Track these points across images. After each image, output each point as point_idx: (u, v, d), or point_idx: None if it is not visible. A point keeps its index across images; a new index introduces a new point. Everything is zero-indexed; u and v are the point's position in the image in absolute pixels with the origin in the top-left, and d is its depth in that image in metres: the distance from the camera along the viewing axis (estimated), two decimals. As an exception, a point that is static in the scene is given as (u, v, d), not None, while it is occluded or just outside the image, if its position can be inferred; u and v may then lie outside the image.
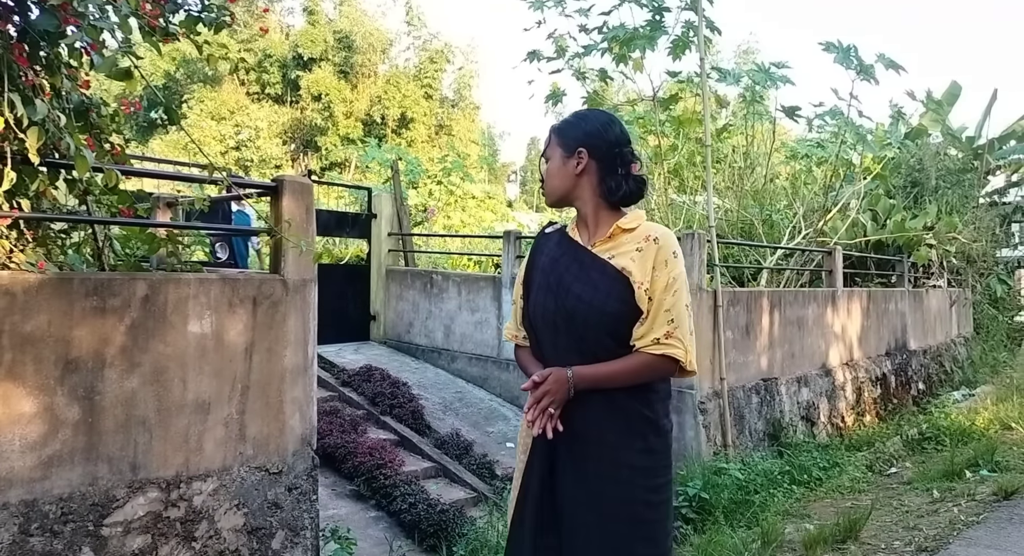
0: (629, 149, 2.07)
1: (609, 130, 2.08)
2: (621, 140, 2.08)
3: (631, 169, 2.06)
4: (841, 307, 8.77)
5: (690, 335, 1.99)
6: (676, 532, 4.82)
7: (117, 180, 2.82)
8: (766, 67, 8.67)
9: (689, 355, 1.98)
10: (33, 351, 2.69)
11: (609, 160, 2.05)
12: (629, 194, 2.07)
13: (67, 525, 2.72)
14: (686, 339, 1.97)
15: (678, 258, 1.99)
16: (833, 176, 9.94)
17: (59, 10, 2.37)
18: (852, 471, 6.17)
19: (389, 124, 31.37)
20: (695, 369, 2.01)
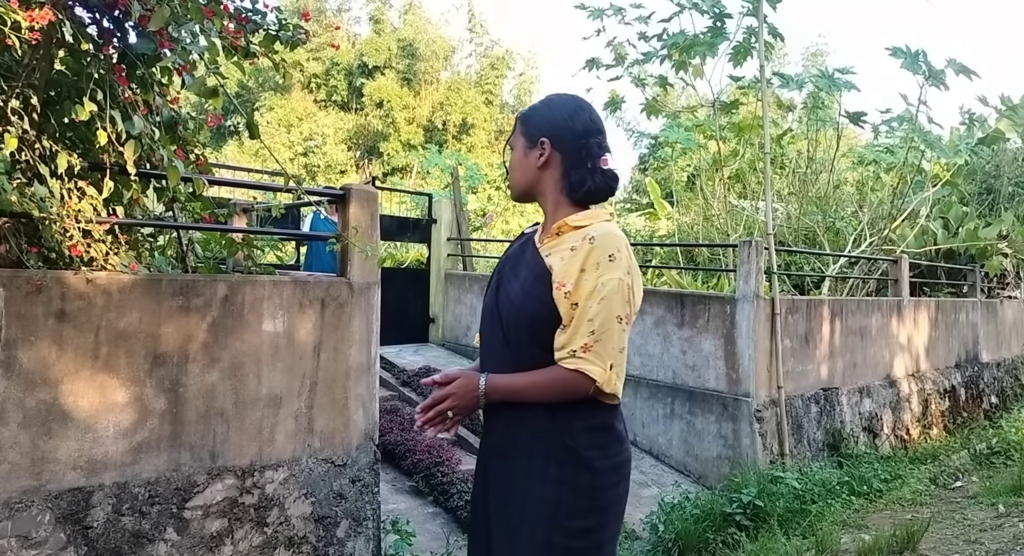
0: (598, 140, 1.85)
1: (576, 118, 1.87)
2: (589, 130, 1.86)
3: (599, 162, 1.83)
4: (907, 317, 8.59)
5: (619, 352, 1.72)
6: None
7: (203, 187, 3.04)
8: (830, 73, 8.57)
9: (610, 375, 1.70)
10: (126, 346, 2.93)
11: (574, 152, 1.84)
12: (595, 190, 1.84)
13: (154, 507, 2.95)
14: (608, 355, 1.70)
15: (615, 263, 1.70)
16: (900, 182, 9.73)
17: (156, 35, 2.60)
18: (914, 484, 6.07)
19: (450, 130, 31.83)
20: (616, 393, 1.74)
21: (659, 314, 6.98)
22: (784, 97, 12.48)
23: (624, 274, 1.72)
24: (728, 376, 6.44)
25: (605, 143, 1.86)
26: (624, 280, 1.71)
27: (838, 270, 9.45)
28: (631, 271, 1.75)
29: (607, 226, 1.78)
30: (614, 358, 1.72)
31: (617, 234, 1.76)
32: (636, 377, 7.10)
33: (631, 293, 1.75)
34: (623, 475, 1.82)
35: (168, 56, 2.64)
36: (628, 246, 1.75)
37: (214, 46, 2.81)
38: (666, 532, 4.99)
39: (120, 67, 2.75)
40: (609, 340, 1.70)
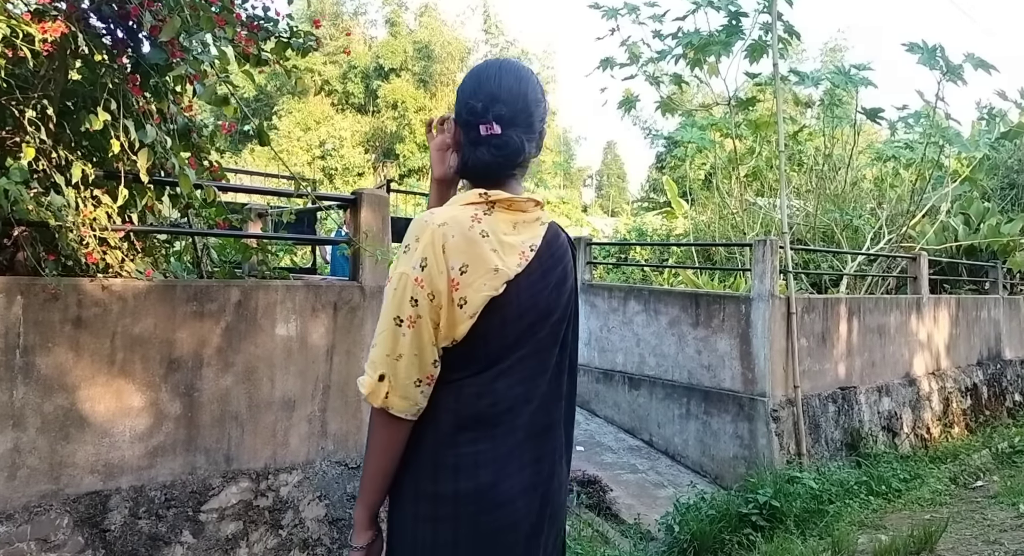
0: (481, 103, 1.54)
1: (466, 83, 1.61)
2: (476, 93, 1.57)
3: (480, 130, 1.53)
4: (927, 315, 8.50)
5: (394, 359, 1.44)
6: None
7: (215, 196, 3.09)
8: (847, 69, 8.50)
9: (378, 387, 1.45)
10: (141, 351, 2.97)
11: (464, 123, 1.58)
12: (479, 165, 1.54)
13: (170, 510, 2.99)
14: (378, 363, 1.45)
15: (406, 255, 1.48)
16: (919, 179, 9.63)
17: (168, 45, 2.64)
18: (934, 483, 6.01)
19: (466, 131, 31.87)
20: (390, 408, 1.45)
21: (674, 314, 6.96)
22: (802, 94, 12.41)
23: (411, 268, 1.44)
24: (744, 376, 6.42)
25: (496, 107, 1.53)
26: (409, 274, 1.44)
27: (856, 268, 9.37)
28: (429, 264, 1.44)
29: (433, 211, 1.53)
30: (386, 366, 1.44)
31: (424, 221, 1.48)
32: (652, 377, 7.09)
33: (424, 288, 1.43)
34: (446, 514, 1.47)
35: (180, 65, 2.68)
36: (437, 234, 1.45)
37: (224, 55, 2.85)
38: (681, 533, 4.98)
39: (134, 77, 2.80)
40: (381, 345, 1.46)
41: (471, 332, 1.46)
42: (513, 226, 1.54)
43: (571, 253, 1.69)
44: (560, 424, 1.61)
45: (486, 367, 1.50)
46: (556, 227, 1.66)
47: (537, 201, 1.60)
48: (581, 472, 6.08)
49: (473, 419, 1.49)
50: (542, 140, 1.66)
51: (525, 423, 1.52)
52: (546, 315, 1.55)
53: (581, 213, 25.15)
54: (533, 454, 1.53)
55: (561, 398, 1.62)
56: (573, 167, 43.37)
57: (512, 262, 1.49)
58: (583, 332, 7.72)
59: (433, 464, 1.48)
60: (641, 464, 6.68)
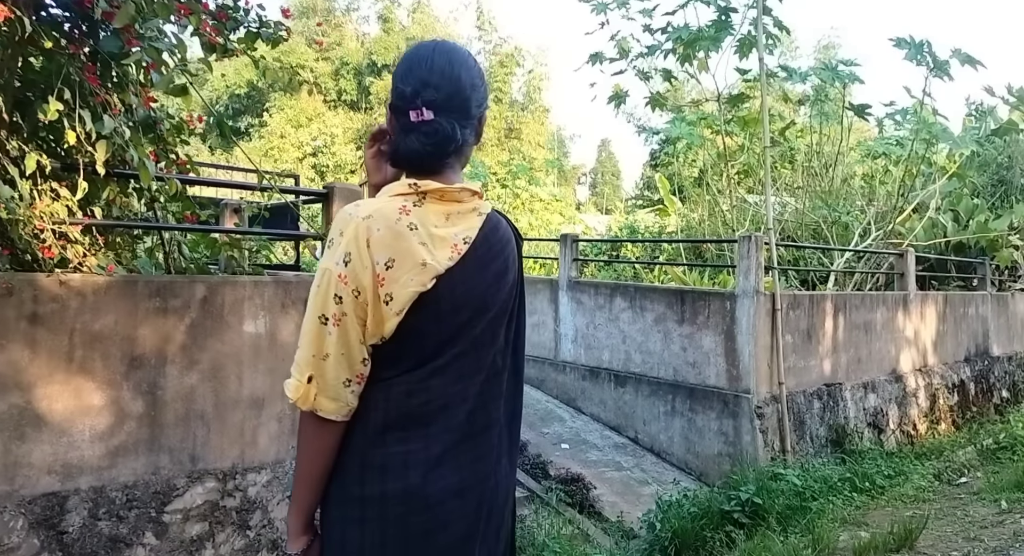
0: (411, 87, 1.45)
1: (398, 66, 1.51)
2: (408, 77, 1.47)
3: (410, 116, 1.44)
4: (914, 311, 8.48)
5: (321, 360, 1.38)
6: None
7: (178, 189, 3.02)
8: (834, 65, 8.46)
9: (306, 390, 1.38)
10: (101, 348, 2.91)
11: (394, 109, 1.49)
12: (410, 153, 1.46)
13: (132, 511, 2.93)
14: (303, 365, 1.39)
15: (331, 250, 1.40)
16: (906, 175, 9.60)
17: (123, 32, 2.57)
18: (918, 480, 5.98)
19: (459, 128, 31.79)
20: (320, 409, 1.39)
21: (659, 311, 6.92)
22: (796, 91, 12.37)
23: (335, 264, 1.37)
24: (729, 373, 6.38)
25: (426, 92, 1.44)
26: (333, 271, 1.37)
27: (845, 265, 9.34)
28: (353, 259, 1.37)
29: (358, 204, 1.45)
30: (313, 367, 1.38)
31: (349, 214, 1.41)
32: (637, 374, 7.05)
33: (349, 285, 1.37)
34: (373, 515, 1.41)
35: (135, 53, 2.61)
36: (361, 227, 1.38)
37: (182, 43, 2.78)
38: (663, 530, 4.94)
39: (91, 66, 2.73)
40: (306, 345, 1.39)
41: (401, 329, 1.41)
42: (446, 217, 1.47)
43: (515, 245, 1.62)
44: (500, 424, 1.55)
45: (419, 365, 1.44)
46: (497, 218, 1.58)
47: (474, 191, 1.52)
48: (565, 470, 6.04)
49: (404, 418, 1.43)
50: (481, 127, 1.59)
51: (461, 423, 1.47)
52: (483, 311, 1.49)
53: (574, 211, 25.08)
54: (470, 454, 1.48)
55: (501, 397, 1.56)
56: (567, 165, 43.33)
57: (443, 255, 1.43)
58: (569, 329, 7.68)
59: (360, 465, 1.43)
60: (626, 462, 6.64)
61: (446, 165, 1.51)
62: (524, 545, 4.54)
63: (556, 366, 7.77)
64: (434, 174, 1.49)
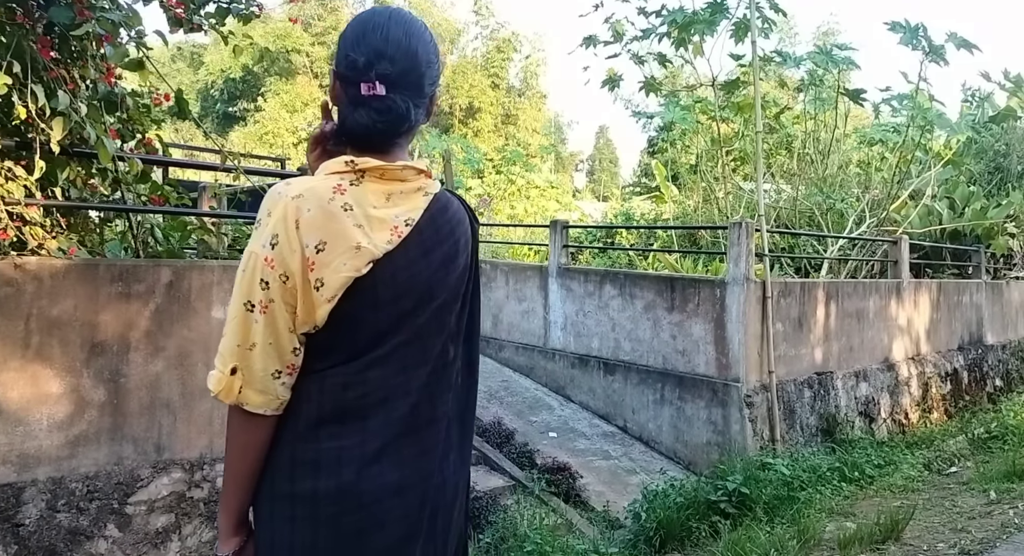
0: (364, 57, 1.33)
1: (348, 32, 1.40)
2: (360, 45, 1.35)
3: (361, 89, 1.33)
4: (907, 299, 8.40)
5: (247, 350, 1.29)
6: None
7: (139, 169, 2.92)
8: (828, 49, 8.33)
9: (230, 381, 1.29)
10: (59, 334, 2.82)
11: (343, 78, 1.37)
12: (358, 128, 1.34)
13: (93, 502, 2.85)
14: (227, 355, 1.30)
15: (257, 231, 1.30)
16: (901, 162, 9.50)
17: (75, 3, 2.46)
18: (907, 470, 5.92)
19: (456, 114, 31.63)
20: (245, 402, 1.30)
21: (649, 298, 6.83)
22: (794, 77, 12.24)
23: (261, 246, 1.27)
24: (718, 361, 6.30)
25: (380, 65, 1.32)
26: (259, 254, 1.27)
27: (839, 252, 9.25)
28: (281, 242, 1.27)
29: (289, 182, 1.34)
30: (238, 358, 1.28)
31: (278, 193, 1.30)
32: (627, 362, 6.97)
33: (276, 269, 1.27)
34: (304, 514, 1.32)
35: (86, 24, 2.49)
36: (290, 207, 1.28)
37: (137, 15, 2.67)
38: (648, 520, 4.87)
39: (46, 39, 2.62)
40: (231, 334, 1.29)
41: (335, 317, 1.31)
42: (386, 198, 1.37)
43: (469, 228, 1.52)
44: (447, 419, 1.46)
45: (356, 355, 1.34)
46: (448, 198, 1.48)
47: (421, 169, 1.42)
48: (552, 459, 5.97)
49: (339, 412, 1.34)
50: (432, 106, 1.49)
51: (403, 416, 1.37)
52: (427, 298, 1.39)
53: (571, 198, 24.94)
54: (413, 450, 1.38)
55: (450, 389, 1.46)
56: (565, 152, 43.12)
57: (381, 238, 1.33)
58: (558, 317, 7.59)
59: (291, 461, 1.33)
60: (614, 450, 6.57)
61: (395, 144, 1.41)
62: (506, 536, 4.47)
63: (546, 354, 7.69)
64: (380, 153, 1.38)
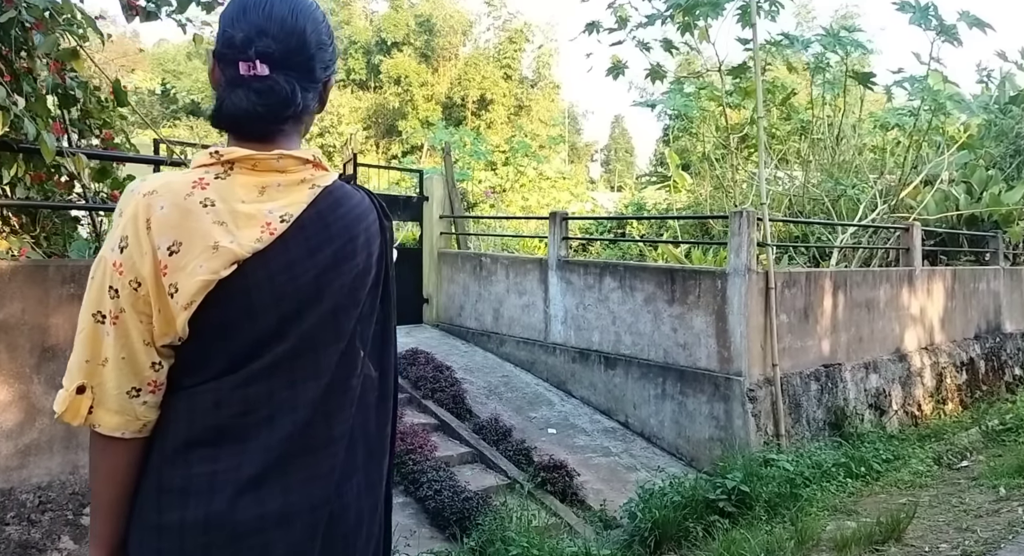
0: (243, 33, 1.22)
1: (228, 8, 1.28)
2: (239, 21, 1.24)
3: (240, 68, 1.21)
4: (919, 287, 8.16)
5: (98, 365, 1.17)
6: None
7: (84, 165, 2.81)
8: (836, 31, 8.08)
9: (76, 401, 1.17)
10: (6, 339, 2.72)
11: (220, 57, 1.26)
12: (236, 112, 1.22)
13: (45, 514, 2.76)
14: (75, 371, 1.18)
15: (111, 234, 1.20)
16: (912, 145, 9.22)
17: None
18: (916, 464, 5.73)
19: (468, 106, 31.49)
20: (98, 424, 1.17)
21: (649, 291, 6.67)
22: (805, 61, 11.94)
23: (110, 250, 1.16)
24: (720, 354, 6.13)
25: (262, 42, 1.21)
26: (107, 259, 1.16)
27: (851, 240, 9.00)
28: (130, 244, 1.15)
29: (145, 178, 1.22)
30: (87, 375, 1.16)
31: (131, 190, 1.18)
32: (628, 356, 6.82)
33: (125, 275, 1.15)
34: (170, 547, 1.18)
35: (7, 11, 2.38)
36: (141, 205, 1.15)
37: (67, 2, 2.55)
38: (643, 520, 4.73)
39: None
40: (80, 348, 1.18)
41: (202, 326, 1.17)
42: (260, 191, 1.23)
43: (375, 225, 1.36)
44: (347, 438, 1.30)
45: (231, 368, 1.20)
46: (345, 192, 1.33)
47: (306, 159, 1.27)
48: (549, 456, 5.84)
49: (212, 432, 1.20)
50: (327, 93, 1.36)
51: (290, 436, 1.22)
52: (313, 302, 1.24)
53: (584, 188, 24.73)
54: (303, 474, 1.24)
55: (352, 404, 1.31)
56: (580, 142, 42.81)
57: (247, 236, 1.19)
58: (559, 310, 7.45)
59: (158, 488, 1.20)
60: (615, 447, 6.43)
61: (280, 131, 1.27)
62: (493, 539, 4.35)
63: (546, 348, 7.55)
64: (261, 141, 1.25)
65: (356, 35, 32.37)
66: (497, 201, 15.50)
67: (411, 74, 30.53)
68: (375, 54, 31.92)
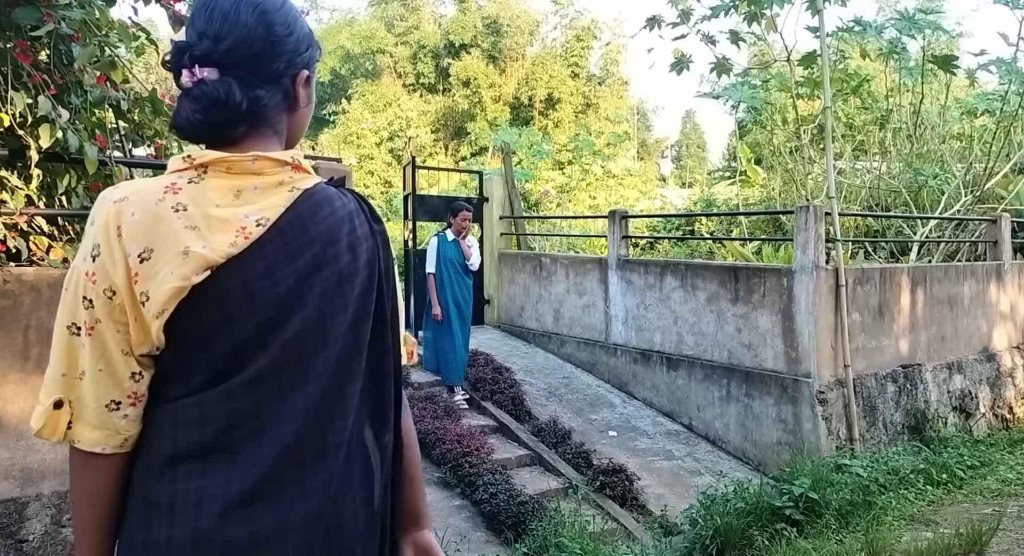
0: (185, 42, 1.19)
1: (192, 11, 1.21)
2: (188, 28, 1.21)
3: (183, 77, 1.17)
4: (1010, 282, 7.66)
5: (75, 378, 1.12)
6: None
7: (122, 176, 2.87)
8: (911, 14, 7.67)
9: (53, 416, 1.12)
10: (57, 344, 2.79)
11: (170, 70, 1.21)
12: (182, 126, 1.19)
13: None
14: (51, 385, 1.13)
15: (83, 243, 1.15)
16: (1000, 131, 8.67)
17: (40, 3, 2.41)
18: (1004, 472, 5.37)
19: (536, 106, 31.43)
20: (76, 440, 1.13)
21: (712, 289, 6.46)
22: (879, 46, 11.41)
23: (83, 259, 1.12)
24: (787, 355, 5.88)
25: (201, 45, 1.17)
26: (80, 268, 1.11)
27: (935, 234, 8.53)
28: (102, 252, 1.11)
29: (119, 185, 1.18)
30: (65, 389, 1.12)
31: (103, 197, 1.14)
32: (690, 357, 6.62)
33: (98, 284, 1.10)
34: None
35: (46, 24, 2.43)
36: (112, 213, 1.11)
37: (104, 13, 2.60)
38: (704, 527, 4.57)
39: (23, 43, 2.58)
40: (56, 362, 1.13)
41: (179, 335, 1.12)
42: (235, 195, 1.17)
43: (364, 228, 1.28)
44: (344, 448, 1.22)
45: (216, 379, 1.14)
46: (328, 195, 1.25)
47: (285, 161, 1.21)
48: (608, 459, 5.71)
49: (200, 447, 1.14)
50: (299, 88, 1.28)
51: (282, 449, 1.15)
52: (295, 309, 1.17)
53: (653, 186, 24.34)
54: (296, 488, 1.16)
55: (348, 415, 1.23)
56: (650, 138, 42.23)
57: (221, 240, 1.13)
58: (619, 310, 7.30)
59: (144, 504, 1.14)
60: (678, 450, 6.26)
61: (245, 136, 1.21)
62: (547, 544, 4.27)
63: (607, 349, 7.41)
64: (235, 145, 1.20)
65: (425, 39, 32.72)
66: (563, 200, 15.37)
67: (480, 76, 30.66)
68: (443, 57, 32.20)
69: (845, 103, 11.04)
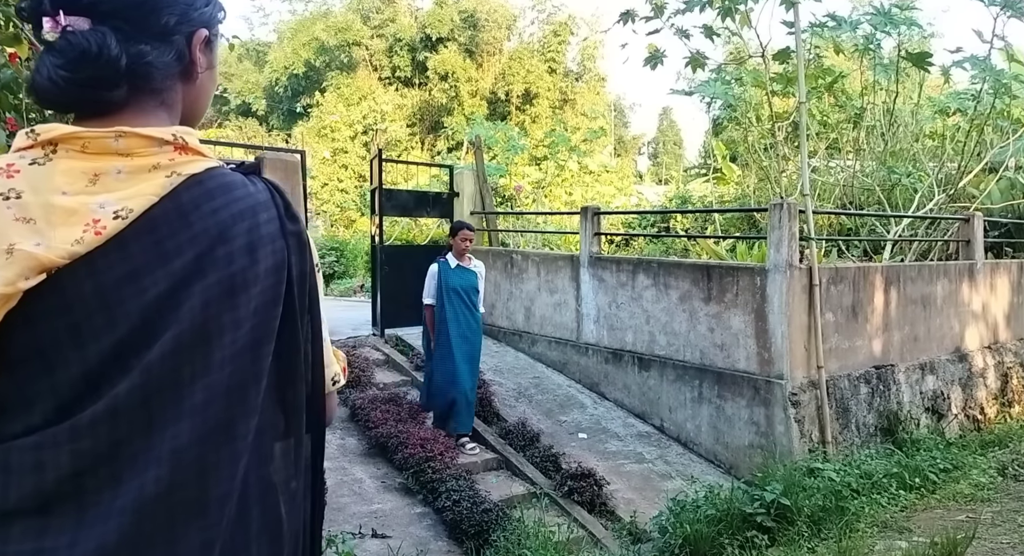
0: None
1: None
2: None
3: (44, 26, 0.98)
4: (981, 282, 7.62)
5: None
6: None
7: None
8: (886, 9, 7.58)
9: None
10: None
11: (27, 18, 1.03)
12: (40, 89, 0.98)
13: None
14: None
15: None
16: (973, 130, 8.63)
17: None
18: (977, 475, 5.27)
19: (513, 101, 31.24)
20: None
21: (685, 288, 6.32)
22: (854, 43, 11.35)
23: None
24: (759, 356, 5.76)
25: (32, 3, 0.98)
26: None
27: (907, 232, 8.47)
28: None
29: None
30: None
31: None
32: (662, 357, 6.48)
33: None
34: None
35: None
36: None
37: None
38: (673, 536, 4.43)
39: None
40: None
41: (11, 355, 0.91)
42: (91, 180, 0.95)
43: (268, 224, 1.05)
44: (233, 500, 1.00)
45: (58, 413, 0.92)
46: (220, 182, 1.03)
47: (165, 139, 1.00)
48: (577, 463, 5.56)
49: (39, 498, 0.91)
50: (199, 53, 1.07)
51: (142, 502, 0.92)
52: (166, 323, 0.95)
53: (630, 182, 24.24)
54: (163, 550, 0.94)
55: (236, 459, 1.00)
56: (627, 135, 42.18)
57: (63, 236, 0.91)
58: (591, 309, 7.14)
59: None
60: (648, 453, 6.12)
61: (123, 106, 1.00)
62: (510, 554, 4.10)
63: (578, 348, 7.26)
64: (103, 117, 0.99)
65: (401, 32, 32.32)
66: (539, 196, 15.20)
67: (457, 70, 30.38)
68: (420, 51, 31.85)
69: (819, 101, 10.96)
